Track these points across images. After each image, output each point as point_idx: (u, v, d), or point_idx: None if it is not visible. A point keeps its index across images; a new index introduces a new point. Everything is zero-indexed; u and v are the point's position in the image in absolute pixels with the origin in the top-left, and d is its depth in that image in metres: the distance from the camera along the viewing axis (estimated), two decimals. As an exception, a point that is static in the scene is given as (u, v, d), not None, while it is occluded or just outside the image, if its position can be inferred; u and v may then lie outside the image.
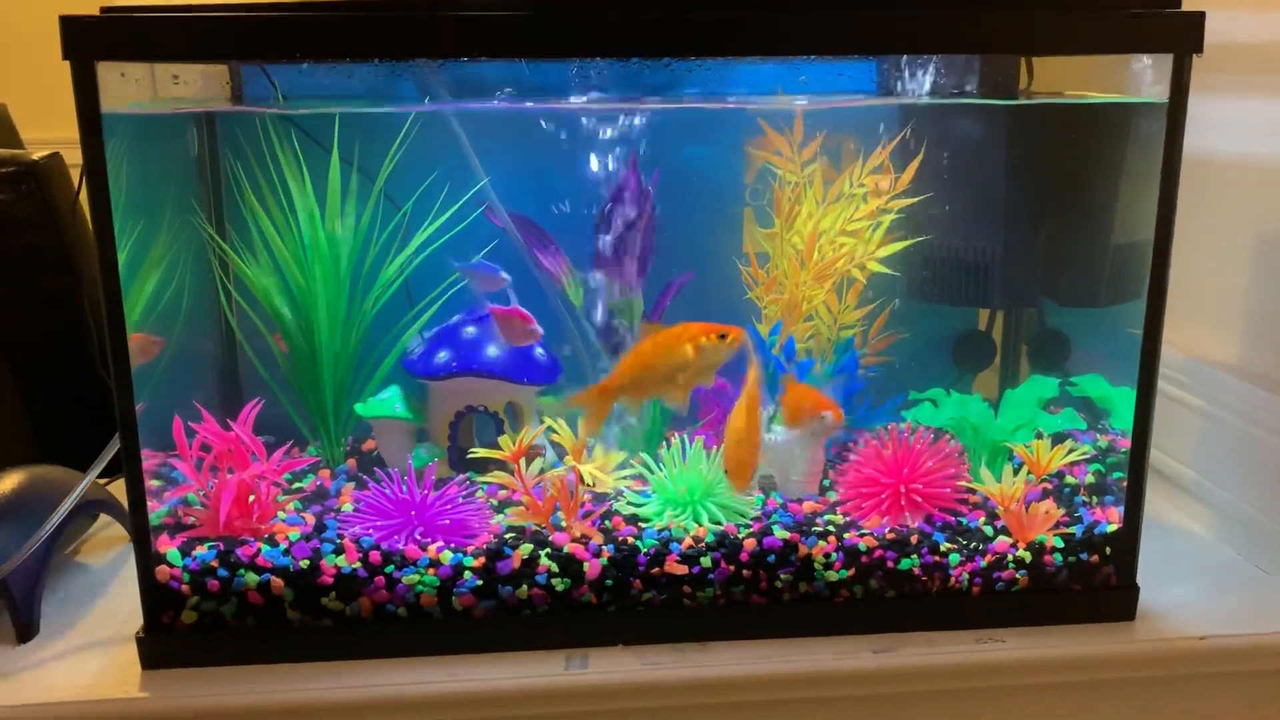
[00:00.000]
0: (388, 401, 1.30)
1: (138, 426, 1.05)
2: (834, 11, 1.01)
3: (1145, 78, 1.17)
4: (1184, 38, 1.03)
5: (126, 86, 1.06)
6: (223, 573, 1.09)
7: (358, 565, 1.10)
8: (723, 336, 1.12)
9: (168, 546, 1.10)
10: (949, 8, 1.04)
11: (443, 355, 1.27)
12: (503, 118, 1.33)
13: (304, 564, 1.09)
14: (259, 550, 1.10)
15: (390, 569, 1.10)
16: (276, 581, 1.09)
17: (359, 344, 1.31)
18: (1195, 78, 1.34)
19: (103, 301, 1.01)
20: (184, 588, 1.09)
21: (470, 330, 1.29)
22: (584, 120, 1.30)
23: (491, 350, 1.27)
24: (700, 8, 1.01)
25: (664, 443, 1.24)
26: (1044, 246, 1.35)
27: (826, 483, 1.30)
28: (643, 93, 1.28)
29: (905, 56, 1.26)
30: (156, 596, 1.08)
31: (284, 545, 1.11)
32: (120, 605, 1.20)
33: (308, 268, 1.27)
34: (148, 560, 1.08)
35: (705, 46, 1.05)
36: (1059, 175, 1.33)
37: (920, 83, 1.27)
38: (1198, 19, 1.02)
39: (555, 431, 1.19)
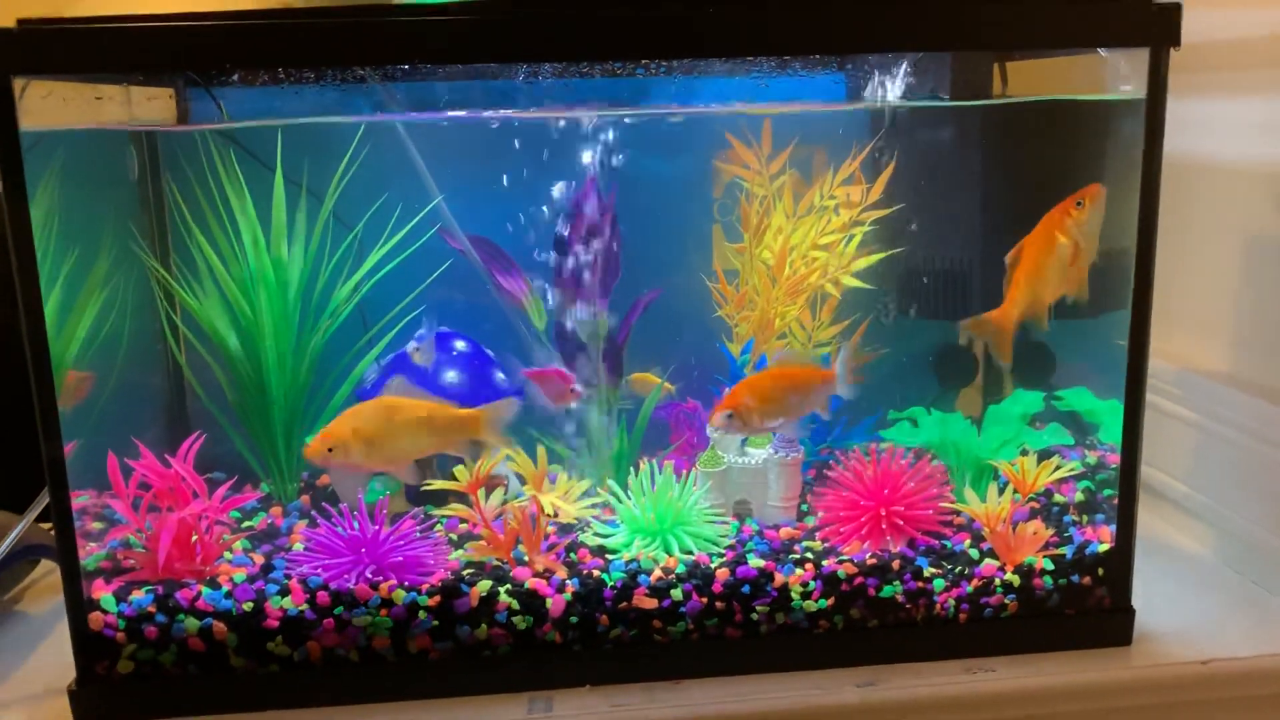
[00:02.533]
0: (341, 433, 1.23)
1: (65, 464, 0.98)
2: (803, 10, 0.97)
3: (1123, 75, 1.12)
4: (1160, 31, 0.98)
5: (51, 104, 1.00)
6: (161, 618, 1.02)
7: (305, 607, 1.03)
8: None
9: (102, 591, 1.03)
10: (920, 4, 0.99)
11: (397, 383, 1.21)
12: (458, 132, 1.28)
13: (248, 607, 1.03)
14: (199, 593, 1.03)
15: (340, 610, 1.03)
16: (219, 626, 1.02)
17: (310, 374, 1.25)
18: (1180, 78, 1.30)
19: (24, 330, 0.95)
20: (119, 635, 1.02)
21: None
22: (545, 133, 1.25)
23: (449, 376, 1.21)
24: (666, 6, 0.97)
25: (632, 469, 1.18)
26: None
27: (805, 508, 1.24)
28: (608, 102, 1.23)
29: (876, 62, 1.21)
30: (90, 645, 1.02)
31: (226, 588, 1.05)
32: (57, 656, 1.12)
33: (253, 295, 1.21)
34: (80, 606, 1.01)
35: (670, 48, 1.00)
36: (1037, 181, 1.28)
37: (890, 87, 1.22)
38: (1173, 11, 0.98)
39: (513, 460, 1.13)
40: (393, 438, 1.10)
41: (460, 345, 1.25)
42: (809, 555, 1.11)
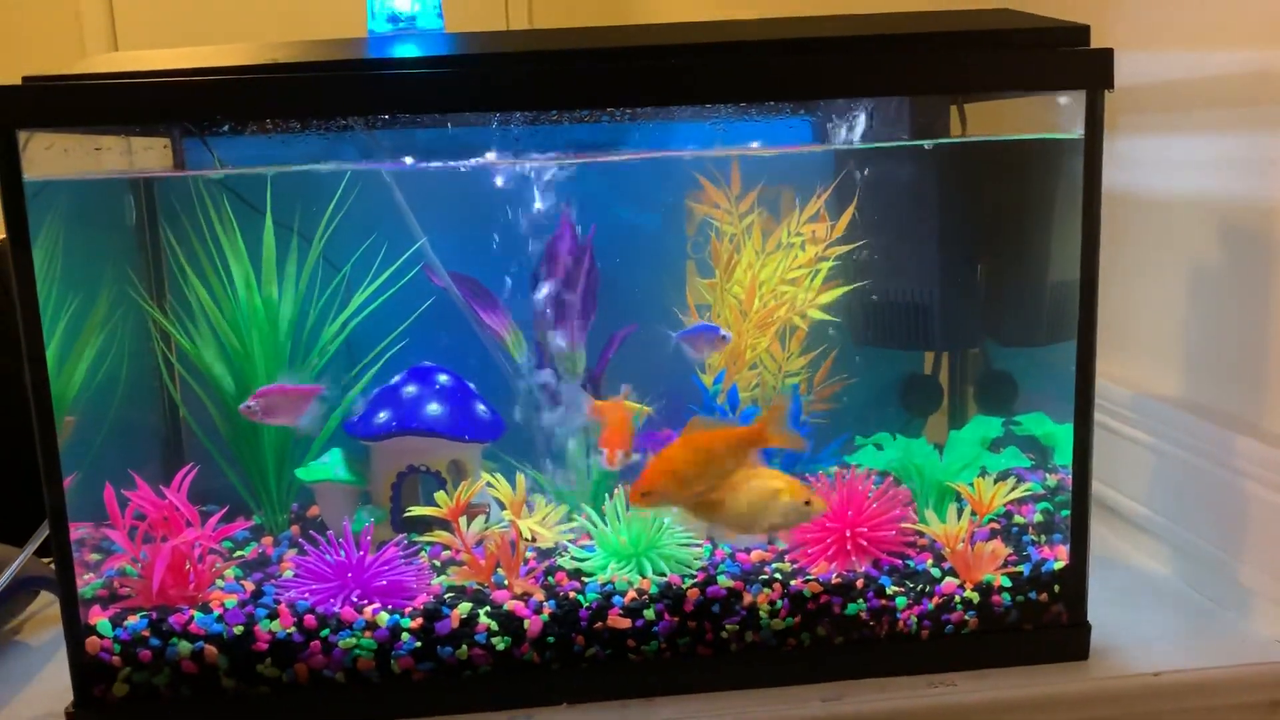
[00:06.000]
0: (329, 465, 1.29)
1: (65, 497, 1.03)
2: (758, 59, 1.03)
3: (1070, 116, 1.19)
4: (1095, 74, 1.04)
5: (54, 155, 1.07)
6: (155, 642, 1.06)
7: (292, 630, 1.07)
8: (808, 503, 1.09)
9: (99, 617, 1.08)
10: (868, 53, 1.06)
11: (383, 415, 1.27)
12: (439, 177, 1.35)
13: (238, 630, 1.07)
14: (191, 618, 1.08)
15: (326, 633, 1.08)
16: (210, 649, 1.06)
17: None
18: (1125, 118, 1.37)
19: (27, 375, 1.01)
20: (115, 659, 1.06)
21: (411, 389, 1.28)
22: (520, 176, 1.31)
23: (432, 408, 1.27)
24: (633, 59, 1.03)
25: (608, 495, 1.23)
26: (982, 287, 1.36)
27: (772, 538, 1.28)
28: (581, 148, 1.29)
29: (836, 106, 1.28)
30: (86, 669, 1.06)
31: (218, 612, 1.09)
32: (55, 684, 1.16)
33: (245, 333, 1.26)
34: (77, 632, 1.05)
35: (637, 97, 1.07)
36: (992, 216, 1.35)
37: (852, 130, 1.28)
38: (1106, 56, 1.04)
39: (494, 486, 1.18)
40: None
41: (443, 379, 1.30)
42: (778, 576, 1.16)
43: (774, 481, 1.09)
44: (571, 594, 1.12)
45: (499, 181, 1.31)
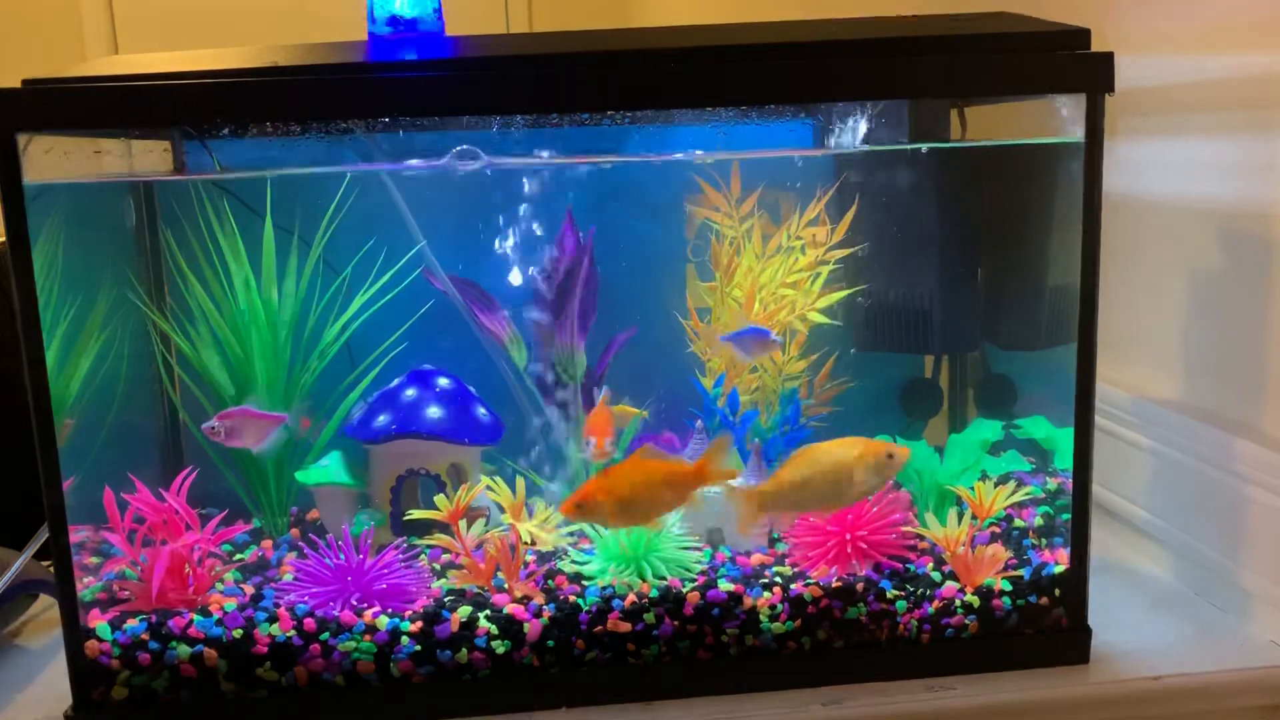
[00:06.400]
0: (328, 468, 1.29)
1: (64, 500, 1.03)
2: (756, 63, 1.03)
3: (1071, 119, 1.19)
4: (1095, 77, 1.04)
5: (54, 158, 1.07)
6: (154, 645, 1.06)
7: (292, 633, 1.07)
8: (890, 456, 1.10)
9: (98, 620, 1.08)
10: (868, 56, 1.06)
11: (382, 418, 1.27)
12: (439, 179, 1.35)
13: (237, 633, 1.07)
14: (191, 621, 1.08)
15: (325, 636, 1.07)
16: (209, 652, 1.06)
17: (299, 411, 1.30)
18: (1126, 121, 1.37)
19: (26, 373, 1.01)
20: (114, 662, 1.06)
21: (410, 392, 1.28)
22: (523, 178, 1.31)
23: (432, 411, 1.27)
24: (632, 63, 1.03)
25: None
26: (982, 291, 1.36)
27: (776, 535, 1.28)
28: (581, 152, 1.30)
29: (837, 109, 1.28)
30: (85, 672, 1.06)
31: (217, 615, 1.09)
32: (54, 687, 1.16)
33: (244, 336, 1.26)
34: (76, 635, 1.05)
35: (637, 101, 1.07)
36: (993, 220, 1.35)
37: (851, 134, 1.29)
38: (1107, 59, 1.04)
39: (494, 490, 1.18)
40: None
41: (443, 382, 1.30)
42: (778, 579, 1.16)
43: (851, 449, 1.10)
44: (571, 597, 1.12)
45: (500, 184, 1.31)
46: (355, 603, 1.11)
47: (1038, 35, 1.07)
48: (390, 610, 1.10)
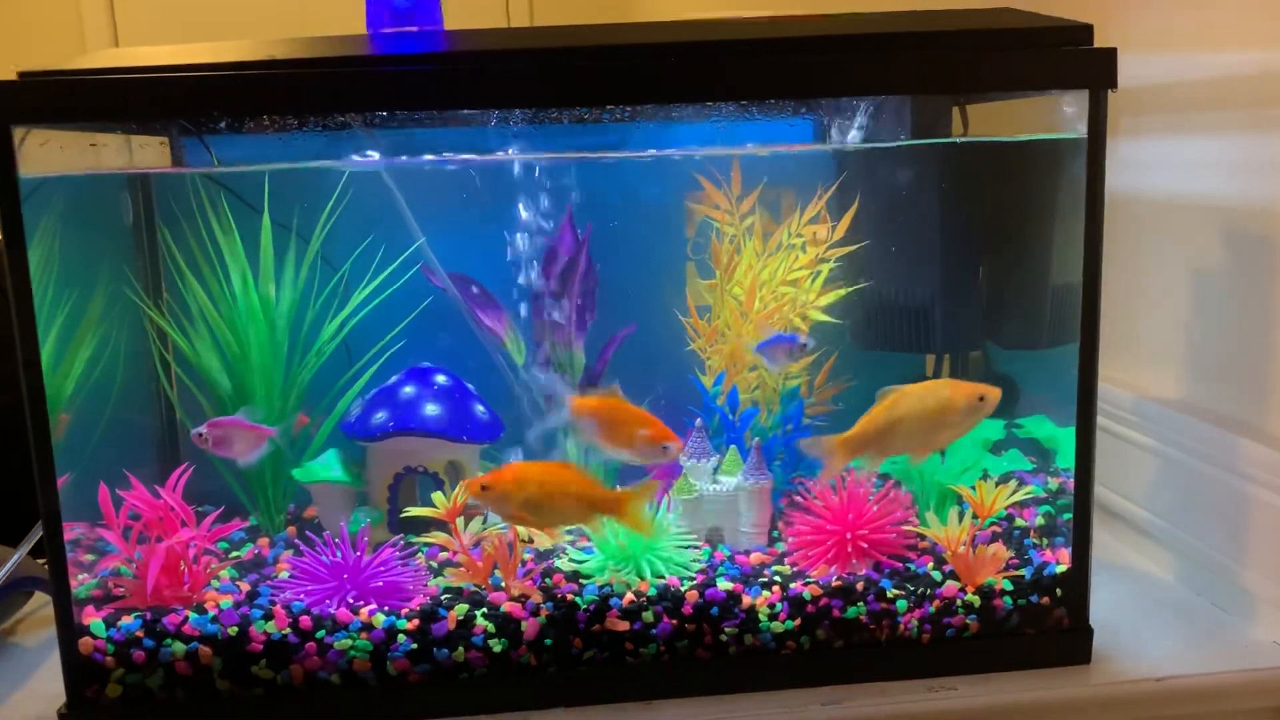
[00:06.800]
0: (325, 466, 1.28)
1: (58, 497, 1.02)
2: (761, 58, 1.03)
3: (1073, 116, 1.18)
4: (1098, 74, 1.04)
5: (49, 151, 1.06)
6: (148, 643, 1.06)
7: (287, 631, 1.06)
8: (982, 398, 1.09)
9: (92, 618, 1.07)
10: (870, 51, 1.05)
11: (380, 415, 1.26)
12: (439, 176, 1.34)
13: (232, 631, 1.06)
14: (186, 618, 1.07)
15: (321, 634, 1.07)
16: (204, 650, 1.05)
17: (296, 408, 1.29)
18: (1127, 120, 1.36)
19: (22, 376, 1.00)
20: (108, 660, 1.05)
21: (408, 390, 1.27)
22: (524, 174, 1.31)
23: (430, 408, 1.26)
24: (633, 57, 1.03)
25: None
26: (984, 289, 1.35)
27: (776, 534, 1.27)
28: (581, 148, 1.29)
29: (838, 106, 1.27)
30: (79, 670, 1.05)
31: (212, 613, 1.08)
32: (48, 685, 1.15)
33: (241, 332, 1.26)
34: (70, 632, 1.05)
35: (637, 95, 1.06)
36: (994, 218, 1.34)
37: (853, 131, 1.28)
38: (1109, 55, 1.03)
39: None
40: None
41: (441, 379, 1.30)
42: (777, 578, 1.15)
43: (942, 390, 1.10)
44: (569, 596, 1.11)
45: (498, 180, 1.30)
46: (351, 600, 1.10)
47: (1040, 31, 1.06)
48: (387, 608, 1.09)
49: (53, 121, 1.02)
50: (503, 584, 1.13)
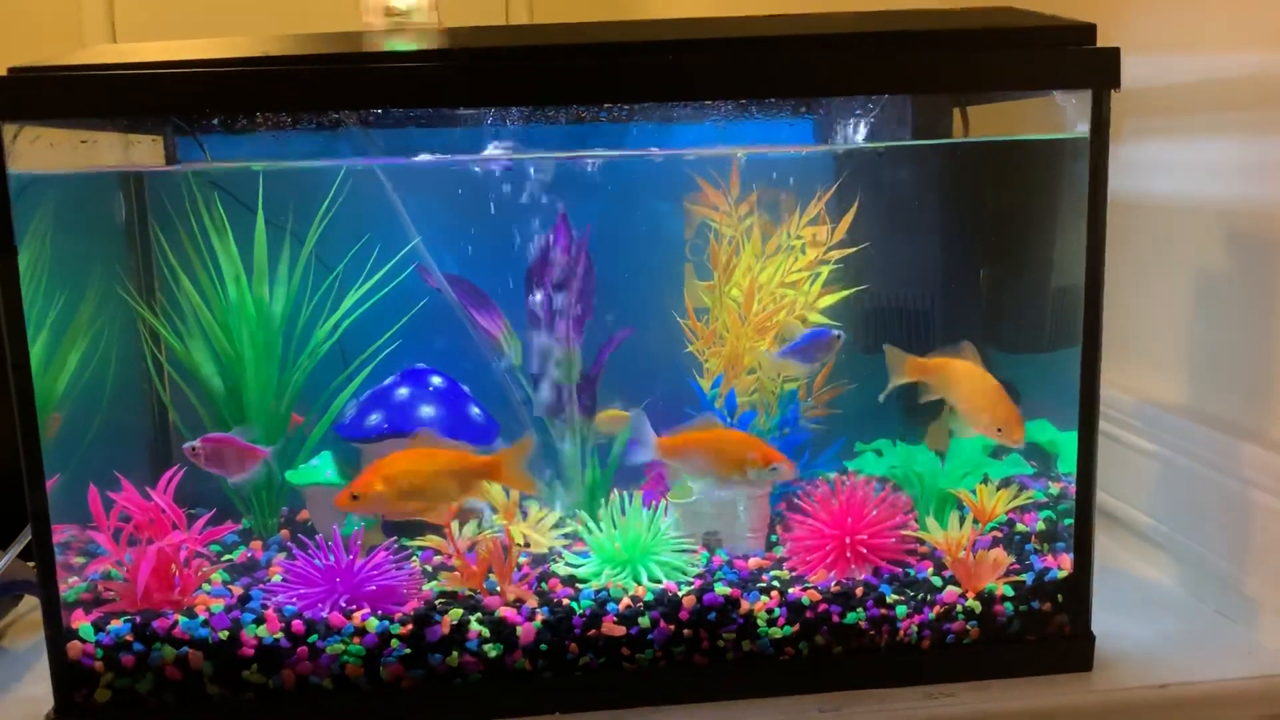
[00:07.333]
0: (319, 468, 1.26)
1: (47, 499, 1.01)
2: (762, 56, 1.01)
3: (1076, 118, 1.17)
4: (1101, 73, 1.03)
5: (40, 149, 1.05)
6: (138, 646, 1.04)
7: (279, 635, 1.05)
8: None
9: (80, 621, 1.06)
10: (872, 50, 1.04)
11: (374, 417, 1.25)
12: (435, 175, 1.33)
13: (223, 635, 1.05)
14: (176, 622, 1.06)
15: (314, 638, 1.05)
16: (195, 654, 1.04)
17: (290, 410, 1.28)
18: (1130, 122, 1.35)
19: (11, 378, 0.99)
20: (97, 664, 1.04)
21: (403, 391, 1.26)
22: (519, 175, 1.29)
23: (425, 410, 1.25)
24: (632, 55, 1.01)
25: (603, 500, 1.21)
26: (984, 292, 1.34)
27: (774, 538, 1.26)
28: (581, 146, 1.28)
29: (838, 107, 1.26)
30: (68, 674, 1.04)
31: (203, 617, 1.07)
32: (37, 689, 1.14)
33: (235, 333, 1.24)
34: (58, 636, 1.03)
35: (636, 93, 1.05)
36: (995, 219, 1.33)
37: (853, 132, 1.27)
38: (1113, 55, 1.02)
39: (487, 491, 1.16)
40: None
41: (436, 381, 1.28)
42: (775, 584, 1.14)
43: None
44: (565, 600, 1.10)
45: (492, 181, 1.29)
46: (344, 604, 1.09)
47: (1043, 30, 1.05)
48: (380, 612, 1.08)
49: (43, 118, 1.01)
50: (498, 588, 1.12)
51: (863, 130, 1.27)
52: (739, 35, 1.06)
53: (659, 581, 1.13)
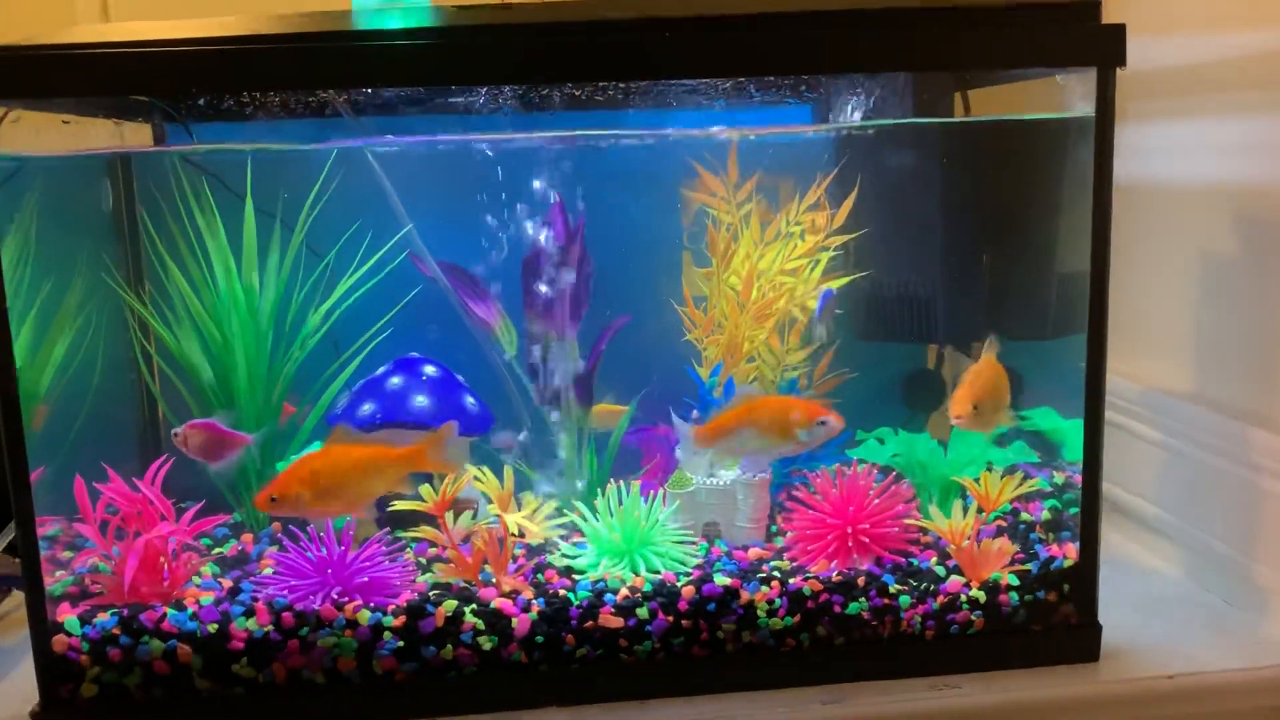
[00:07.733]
0: (311, 458, 1.24)
1: (31, 491, 0.99)
2: (764, 33, 0.99)
3: (1080, 99, 1.15)
4: (1106, 51, 1.01)
5: (21, 130, 1.02)
6: (125, 640, 1.02)
7: (270, 628, 1.03)
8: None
9: (66, 614, 1.03)
10: (874, 27, 1.02)
11: (367, 407, 1.22)
12: (427, 160, 1.31)
13: (212, 628, 1.03)
14: (164, 615, 1.03)
15: (305, 631, 1.03)
16: (183, 648, 1.02)
17: (279, 405, 1.25)
18: (1135, 104, 1.33)
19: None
20: (83, 658, 1.02)
21: (396, 381, 1.24)
22: (515, 159, 1.27)
23: (418, 400, 1.22)
24: (629, 31, 0.99)
25: (600, 491, 1.19)
26: (988, 278, 1.32)
27: (774, 529, 1.24)
28: (576, 128, 1.26)
29: (838, 88, 1.24)
30: (53, 668, 1.01)
31: (191, 609, 1.05)
32: (24, 684, 1.12)
33: (225, 322, 1.22)
34: (43, 630, 1.01)
35: (632, 71, 1.03)
36: (998, 204, 1.31)
37: (852, 114, 1.25)
38: (1118, 32, 1.00)
39: (481, 481, 1.14)
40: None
41: (430, 370, 1.26)
42: (776, 574, 1.11)
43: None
44: (561, 592, 1.08)
45: (492, 166, 1.27)
46: (336, 596, 1.07)
47: (1047, 7, 1.03)
48: (373, 604, 1.06)
49: (30, 97, 0.99)
50: (493, 579, 1.10)
51: (863, 111, 1.25)
52: (736, 12, 1.03)
53: (657, 572, 1.11)
